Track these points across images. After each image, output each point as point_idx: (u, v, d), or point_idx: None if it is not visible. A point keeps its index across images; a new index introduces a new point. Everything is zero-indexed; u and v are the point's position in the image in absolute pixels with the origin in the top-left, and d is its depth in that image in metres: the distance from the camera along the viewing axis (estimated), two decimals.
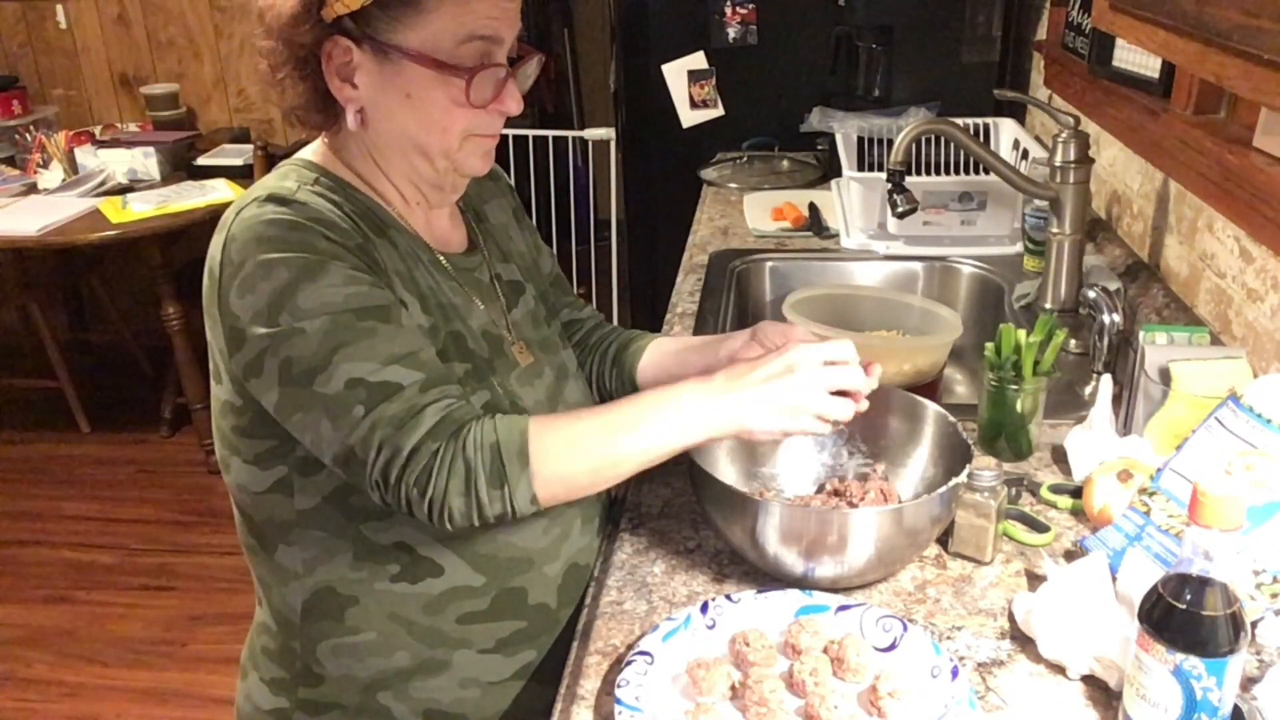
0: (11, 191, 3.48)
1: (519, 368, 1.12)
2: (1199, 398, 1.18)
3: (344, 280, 0.95)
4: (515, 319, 1.16)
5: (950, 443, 1.15)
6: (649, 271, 2.88)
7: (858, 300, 1.69)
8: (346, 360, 0.94)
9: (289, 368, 0.94)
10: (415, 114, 1.02)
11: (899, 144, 1.60)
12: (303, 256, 0.95)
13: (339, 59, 1.00)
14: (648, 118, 2.71)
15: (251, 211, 0.98)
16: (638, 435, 0.99)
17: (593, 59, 5.19)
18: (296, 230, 0.96)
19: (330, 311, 0.94)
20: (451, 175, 1.08)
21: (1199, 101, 1.55)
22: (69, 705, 2.50)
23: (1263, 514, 1.00)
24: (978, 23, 2.51)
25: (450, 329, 1.06)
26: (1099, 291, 1.47)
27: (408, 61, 0.99)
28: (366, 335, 0.95)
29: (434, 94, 1.00)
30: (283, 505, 1.05)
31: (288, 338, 0.94)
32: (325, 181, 1.04)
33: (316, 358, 0.94)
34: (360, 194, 1.06)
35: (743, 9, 2.57)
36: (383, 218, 1.06)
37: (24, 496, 3.35)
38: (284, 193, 0.99)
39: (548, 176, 4.03)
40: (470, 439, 0.95)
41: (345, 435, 0.94)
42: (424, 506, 0.95)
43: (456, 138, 1.04)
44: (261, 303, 0.95)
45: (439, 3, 0.98)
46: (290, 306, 0.94)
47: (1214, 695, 0.78)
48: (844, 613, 1.01)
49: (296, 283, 0.94)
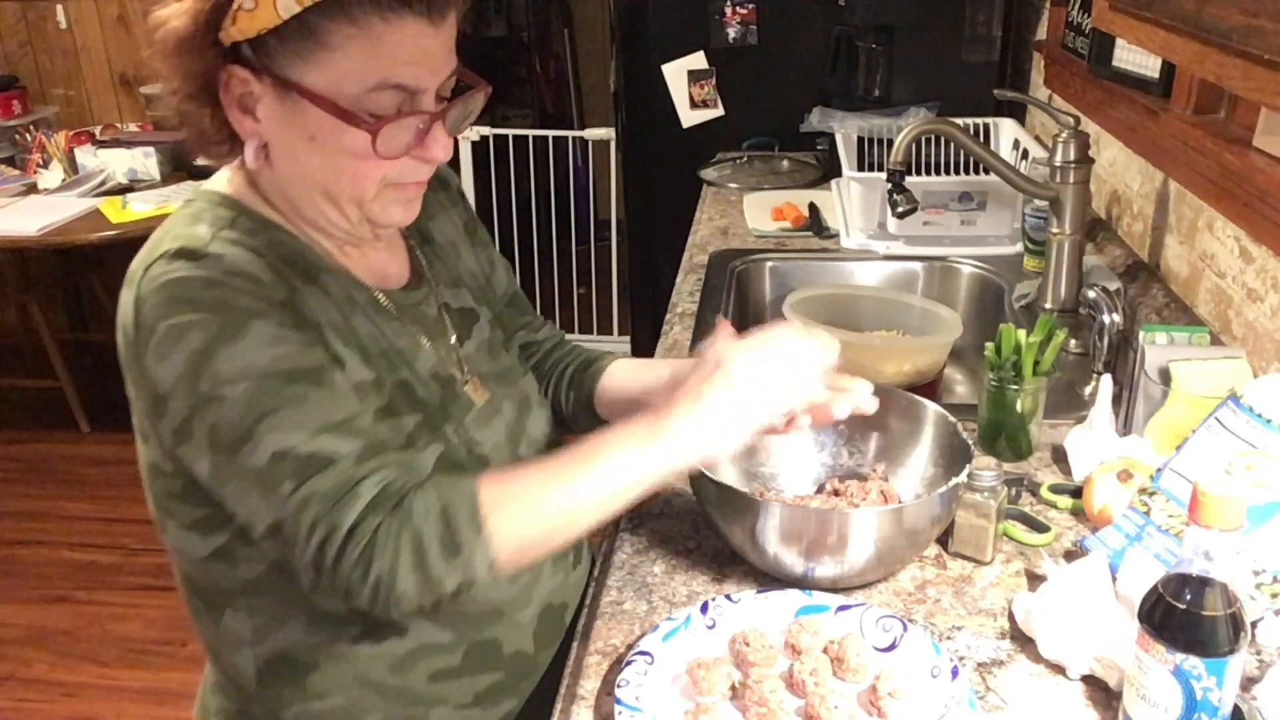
0: (11, 191, 3.48)
1: (475, 408, 1.04)
2: (1199, 398, 1.18)
3: (268, 340, 0.86)
4: (468, 353, 1.08)
5: (950, 443, 1.15)
6: (649, 271, 2.88)
7: (858, 300, 1.69)
8: (272, 430, 0.85)
9: (216, 434, 0.86)
10: (321, 157, 0.91)
11: (899, 144, 1.60)
12: (219, 317, 0.85)
13: (237, 89, 0.89)
14: (648, 118, 2.71)
15: (159, 269, 0.87)
16: (597, 483, 0.91)
17: (593, 59, 5.20)
18: (211, 288, 0.86)
19: (253, 376, 0.85)
20: (365, 226, 0.96)
21: (1199, 101, 1.55)
22: (69, 705, 2.50)
23: (1263, 514, 1.00)
24: (978, 23, 2.51)
25: (396, 378, 0.97)
26: (1099, 291, 1.47)
27: (309, 103, 0.87)
28: (295, 402, 0.86)
29: (340, 141, 0.89)
30: (225, 573, 0.97)
31: (210, 404, 0.85)
32: (243, 222, 0.93)
33: (240, 427, 0.85)
34: (284, 233, 0.96)
35: (743, 9, 2.57)
36: (312, 260, 0.96)
37: (24, 496, 3.35)
38: (195, 245, 0.88)
39: (548, 176, 4.04)
40: (416, 508, 0.86)
41: (275, 512, 0.85)
42: (367, 590, 0.85)
43: (371, 187, 0.93)
44: (179, 369, 0.85)
45: (345, 41, 0.86)
46: (209, 372, 0.84)
47: (1214, 695, 0.78)
48: (844, 613, 1.01)
49: (214, 346, 0.84)
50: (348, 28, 0.85)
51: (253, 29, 0.85)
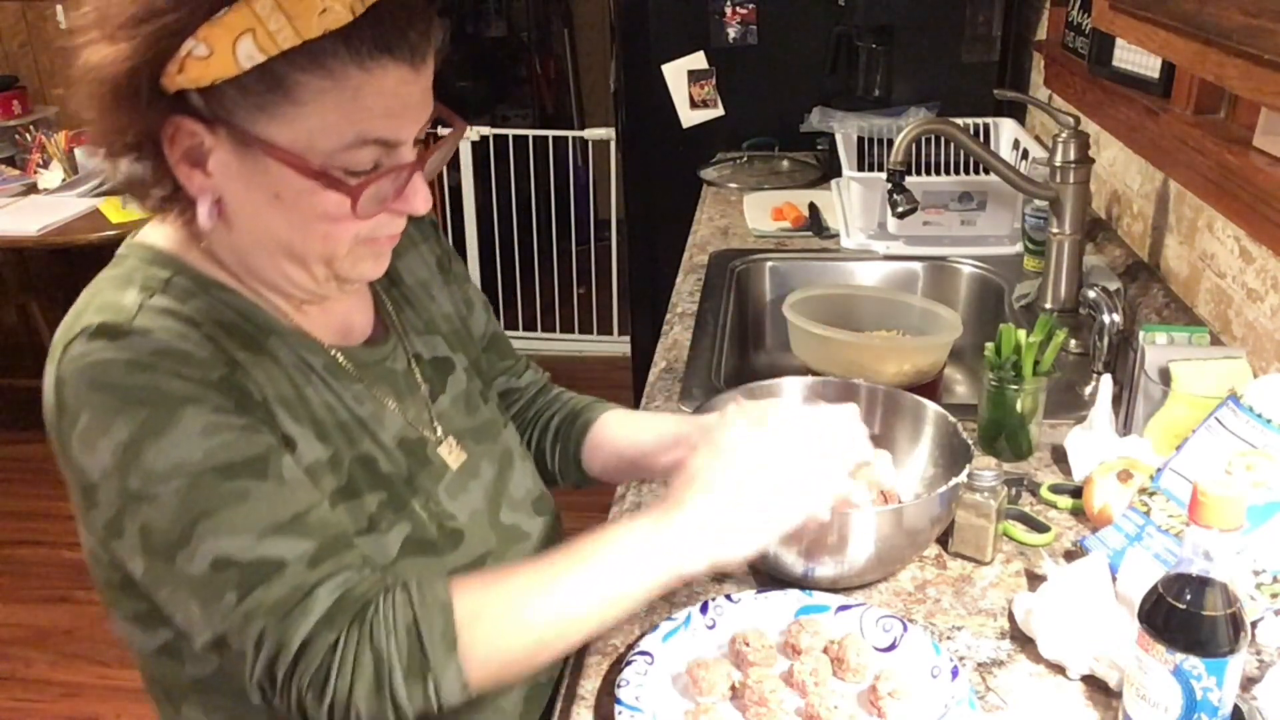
0: (11, 191, 3.48)
1: (449, 473, 0.96)
2: (1199, 398, 1.18)
3: (202, 429, 0.77)
4: (442, 408, 0.99)
5: (950, 443, 1.15)
6: (649, 271, 2.88)
7: (858, 300, 1.69)
8: (211, 534, 0.76)
9: (149, 537, 0.77)
10: (287, 217, 0.81)
11: (899, 144, 1.60)
12: (145, 407, 0.76)
13: (185, 141, 0.79)
14: (648, 118, 2.71)
15: (79, 349, 0.78)
16: (591, 591, 0.82)
17: (593, 59, 5.20)
18: (136, 372, 0.77)
19: (186, 472, 0.76)
20: (333, 284, 0.88)
21: (1199, 101, 1.55)
22: (69, 705, 2.50)
23: (1263, 514, 1.00)
24: (978, 23, 2.51)
25: (356, 453, 0.88)
26: (1099, 291, 1.47)
27: (274, 161, 0.78)
28: (235, 500, 0.77)
29: (310, 202, 0.80)
30: (174, 670, 0.89)
31: (140, 503, 0.76)
32: (180, 283, 0.83)
33: (174, 530, 0.76)
34: (228, 293, 0.86)
35: (743, 9, 2.57)
36: (261, 322, 0.86)
37: (24, 496, 3.35)
38: (118, 320, 0.78)
39: (548, 176, 4.04)
40: (379, 622, 0.78)
41: (217, 625, 0.77)
42: (322, 712, 0.77)
43: (344, 246, 0.84)
44: (106, 462, 0.76)
45: (317, 95, 0.76)
46: (138, 469, 0.76)
47: (1214, 695, 0.78)
48: (844, 613, 1.01)
49: (141, 440, 0.75)
50: (321, 80, 0.76)
51: (206, 78, 0.75)
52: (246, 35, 0.73)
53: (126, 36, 0.75)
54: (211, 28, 0.73)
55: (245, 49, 0.74)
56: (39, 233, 3.14)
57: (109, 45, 0.76)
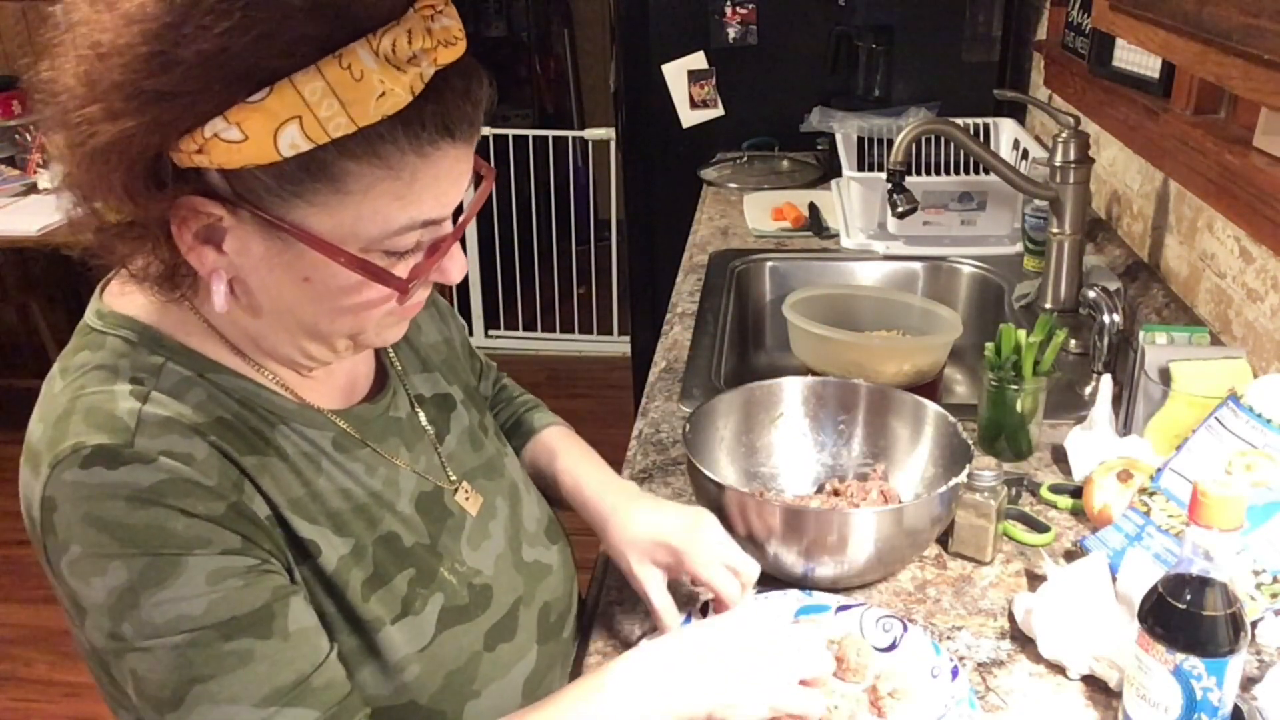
0: (11, 191, 3.48)
1: (470, 521, 0.93)
2: (1199, 398, 1.18)
3: (206, 579, 0.70)
4: (450, 450, 0.96)
5: (950, 443, 1.15)
6: (649, 271, 2.88)
7: (858, 300, 1.69)
8: (208, 701, 0.70)
9: (141, 684, 0.71)
10: (315, 302, 0.75)
11: (899, 144, 1.60)
12: (147, 555, 0.69)
13: (198, 222, 0.71)
14: (648, 118, 2.71)
15: (73, 477, 0.70)
16: None
17: (593, 59, 5.20)
18: (137, 509, 0.69)
19: (186, 629, 0.69)
20: (352, 353, 0.84)
21: (1199, 101, 1.55)
22: (69, 705, 2.51)
23: (1263, 514, 1.00)
24: (978, 23, 2.51)
25: (378, 535, 0.84)
26: (1099, 291, 1.47)
27: (309, 249, 0.71)
28: (235, 664, 0.71)
29: (345, 285, 0.74)
30: None
31: (133, 652, 0.70)
32: (173, 371, 0.76)
33: (166, 688, 0.70)
34: (225, 373, 0.79)
35: (743, 9, 2.57)
36: (263, 410, 0.80)
37: None
38: (117, 443, 0.70)
39: (548, 176, 4.04)
40: None
41: None
42: None
43: (374, 322, 0.78)
44: (100, 600, 0.70)
45: (371, 185, 0.70)
46: (133, 618, 0.69)
47: (1214, 695, 0.78)
48: (844, 613, 1.01)
49: (139, 590, 0.69)
50: (375, 169, 0.69)
51: (234, 163, 0.67)
52: (292, 123, 0.65)
53: (133, 111, 0.65)
54: (248, 111, 0.65)
55: (289, 137, 0.66)
56: (39, 233, 3.14)
57: (109, 120, 0.66)
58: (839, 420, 1.26)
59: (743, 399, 1.24)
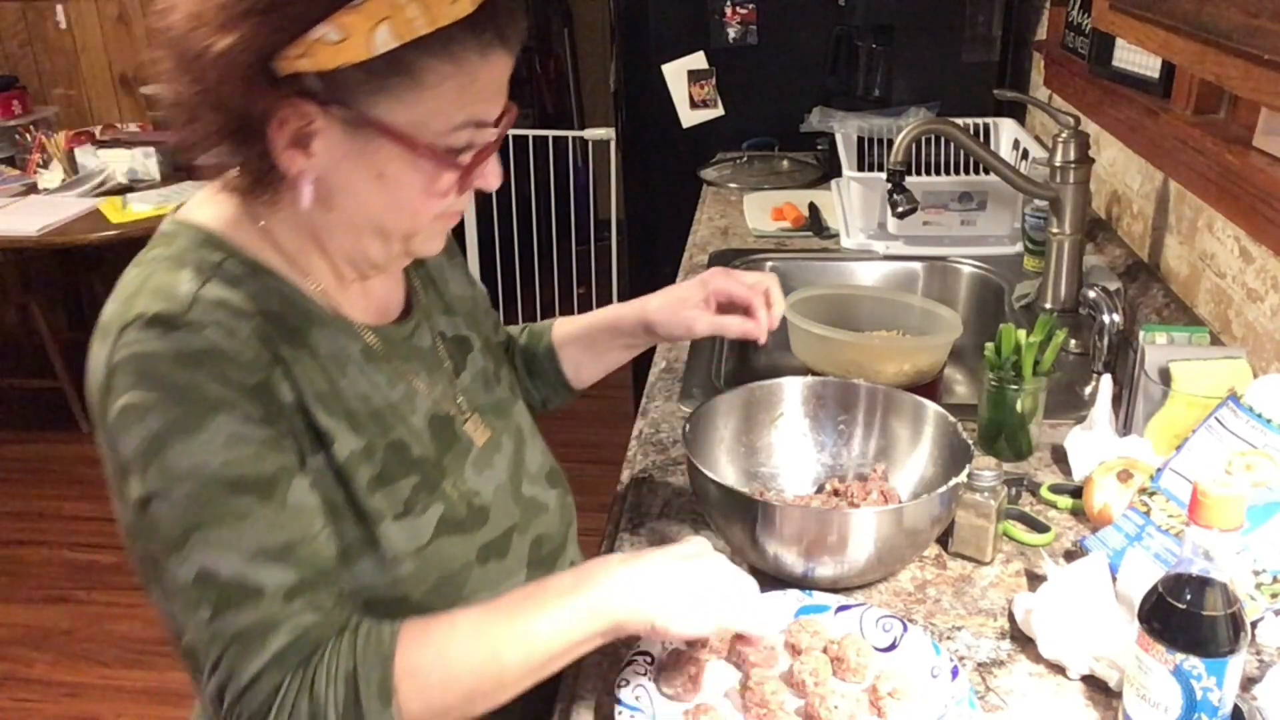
0: (11, 191, 3.48)
1: (475, 449, 1.00)
2: (1199, 398, 1.18)
3: (225, 440, 0.79)
4: (465, 385, 1.04)
5: (950, 443, 1.15)
6: (649, 271, 2.88)
7: (858, 300, 1.69)
8: (203, 545, 0.78)
9: (158, 533, 0.80)
10: (385, 196, 0.85)
11: (899, 144, 1.60)
12: (181, 406, 0.78)
13: (294, 124, 0.81)
14: (648, 118, 2.71)
15: (133, 336, 0.80)
16: (525, 640, 0.82)
17: (593, 59, 5.20)
18: (181, 367, 0.79)
19: (200, 477, 0.78)
20: (401, 259, 0.93)
21: (1199, 101, 1.55)
22: (69, 705, 2.50)
23: (1263, 514, 1.00)
24: (978, 23, 2.51)
25: (389, 440, 0.91)
26: (1099, 291, 1.47)
27: (388, 141, 0.82)
28: (234, 518, 0.78)
29: (414, 178, 0.85)
30: None
31: (155, 499, 0.79)
32: (230, 268, 0.85)
33: (173, 531, 0.78)
34: (274, 279, 0.88)
35: (743, 9, 2.57)
36: (303, 311, 0.89)
37: (24, 496, 3.35)
38: (174, 311, 0.80)
39: (548, 176, 4.04)
40: (322, 669, 0.79)
41: (189, 634, 0.79)
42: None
43: (427, 221, 0.89)
44: (136, 448, 0.79)
45: (442, 79, 0.81)
46: (159, 462, 0.78)
47: (1214, 695, 0.78)
48: (844, 613, 1.01)
49: (168, 436, 0.78)
50: (447, 65, 0.81)
51: (333, 63, 0.77)
52: (385, 22, 0.76)
53: (245, 23, 0.76)
54: (350, 14, 0.76)
55: (382, 35, 0.77)
56: (39, 233, 3.14)
57: (221, 34, 0.76)
58: (839, 420, 1.26)
59: (743, 399, 1.24)
